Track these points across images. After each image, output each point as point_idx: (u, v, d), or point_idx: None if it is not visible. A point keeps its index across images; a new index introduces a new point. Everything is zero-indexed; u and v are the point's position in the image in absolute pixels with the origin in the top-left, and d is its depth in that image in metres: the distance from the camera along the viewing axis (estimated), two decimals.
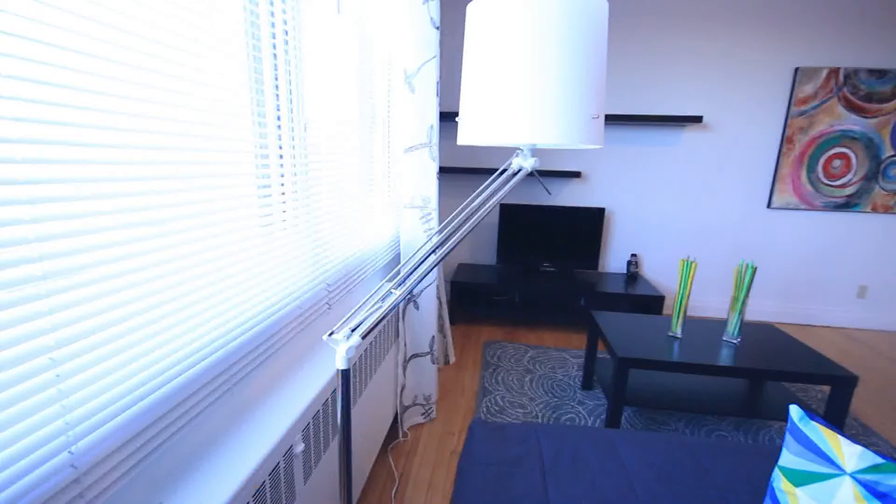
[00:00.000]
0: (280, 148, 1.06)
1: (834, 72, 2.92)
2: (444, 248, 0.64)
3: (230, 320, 0.85)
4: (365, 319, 0.60)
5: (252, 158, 0.96)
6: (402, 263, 0.74)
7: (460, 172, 3.28)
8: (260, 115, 0.99)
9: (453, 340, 2.86)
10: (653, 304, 2.91)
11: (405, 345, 1.84)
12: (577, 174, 3.18)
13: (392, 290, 0.63)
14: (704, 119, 3.13)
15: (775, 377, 1.65)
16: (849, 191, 3.07)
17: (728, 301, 3.38)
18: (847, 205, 3.10)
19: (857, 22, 2.88)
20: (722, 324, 2.08)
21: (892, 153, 2.98)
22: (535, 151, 3.35)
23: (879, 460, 0.61)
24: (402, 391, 1.86)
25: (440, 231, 0.71)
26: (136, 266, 0.64)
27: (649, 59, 3.09)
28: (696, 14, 2.99)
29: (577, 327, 3.14)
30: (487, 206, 0.67)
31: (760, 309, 3.38)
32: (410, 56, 1.58)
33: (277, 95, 1.06)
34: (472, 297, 3.25)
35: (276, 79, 1.05)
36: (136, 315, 0.64)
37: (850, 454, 0.61)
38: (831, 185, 3.08)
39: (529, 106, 0.62)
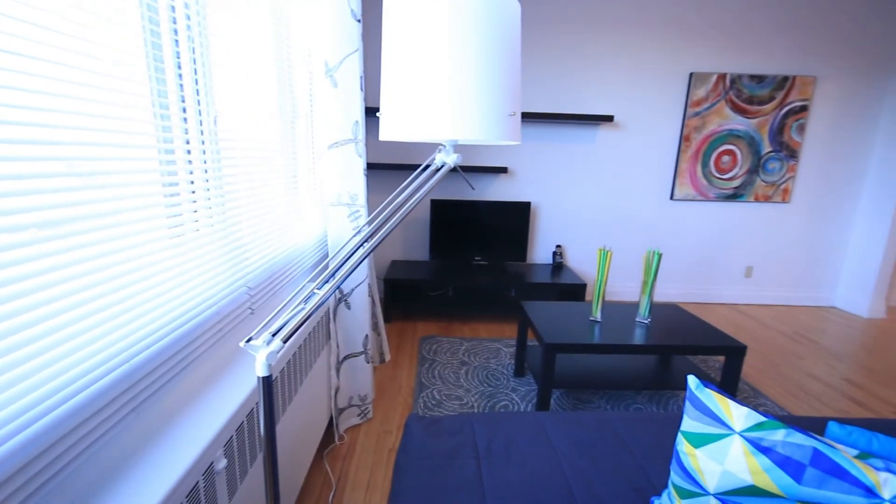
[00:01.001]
0: (188, 143, 0.98)
1: (722, 77, 3.29)
2: (368, 245, 0.63)
3: (134, 332, 0.78)
4: (287, 322, 0.58)
5: (155, 154, 0.87)
6: (323, 263, 0.72)
7: (390, 169, 3.25)
8: (162, 105, 0.90)
9: (388, 338, 2.83)
10: (577, 291, 3.10)
11: (338, 346, 1.80)
12: (503, 170, 3.28)
13: (315, 291, 0.60)
14: (615, 118, 3.37)
15: (680, 351, 1.84)
16: (736, 183, 3.49)
17: (640, 285, 3.70)
18: (735, 196, 3.51)
19: (740, 32, 3.27)
20: (635, 306, 2.27)
21: (770, 149, 3.43)
22: (460, 147, 3.41)
23: (762, 419, 0.70)
24: (336, 393, 1.81)
25: (363, 229, 0.70)
26: (14, 276, 0.56)
27: (568, 62, 3.26)
28: (607, 21, 3.21)
29: (509, 317, 3.26)
30: (411, 202, 0.67)
31: (667, 291, 3.73)
32: (331, 48, 1.53)
33: (182, 86, 0.97)
34: (407, 294, 3.25)
35: (180, 67, 0.97)
36: (13, 332, 0.56)
37: (738, 415, 0.70)
38: (721, 179, 3.47)
39: (448, 102, 0.63)
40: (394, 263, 3.39)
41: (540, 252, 3.60)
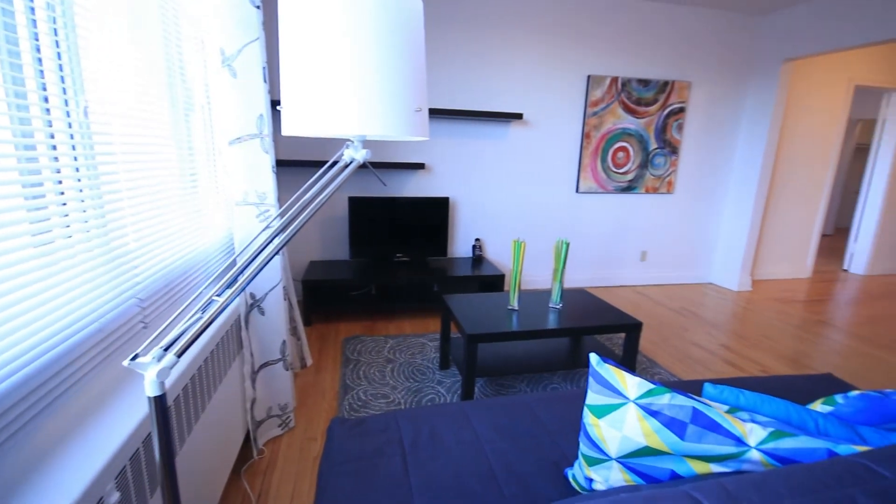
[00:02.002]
0: (52, 137, 0.85)
1: (615, 80, 3.61)
2: (273, 247, 0.60)
3: None
4: (182, 335, 0.53)
5: (12, 150, 0.75)
6: (223, 268, 0.67)
7: (303, 165, 3.11)
8: (18, 94, 0.77)
9: (309, 342, 2.72)
10: (496, 282, 3.22)
11: (252, 355, 1.69)
12: (421, 166, 3.30)
13: (214, 298, 0.56)
14: (525, 116, 3.55)
15: (588, 332, 2.00)
16: (629, 177, 3.85)
17: (552, 273, 3.95)
18: (629, 188, 3.88)
19: (629, 39, 3.60)
20: (548, 293, 2.42)
21: (656, 146, 3.83)
22: (373, 144, 3.36)
23: (651, 386, 0.78)
24: (253, 405, 1.70)
25: (266, 231, 0.66)
26: None
27: (481, 61, 3.36)
28: (512, 24, 3.35)
29: (433, 312, 3.29)
30: (319, 199, 0.65)
31: (576, 277, 4.03)
32: (228, 36, 1.42)
33: (42, 72, 0.84)
34: (328, 295, 3.14)
35: (39, 50, 0.84)
36: None
37: (632, 385, 0.78)
38: (618, 173, 3.82)
39: (351, 96, 0.61)
40: (312, 264, 3.26)
41: (460, 246, 3.69)
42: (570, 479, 0.98)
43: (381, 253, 3.28)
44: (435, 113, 3.22)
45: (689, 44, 3.72)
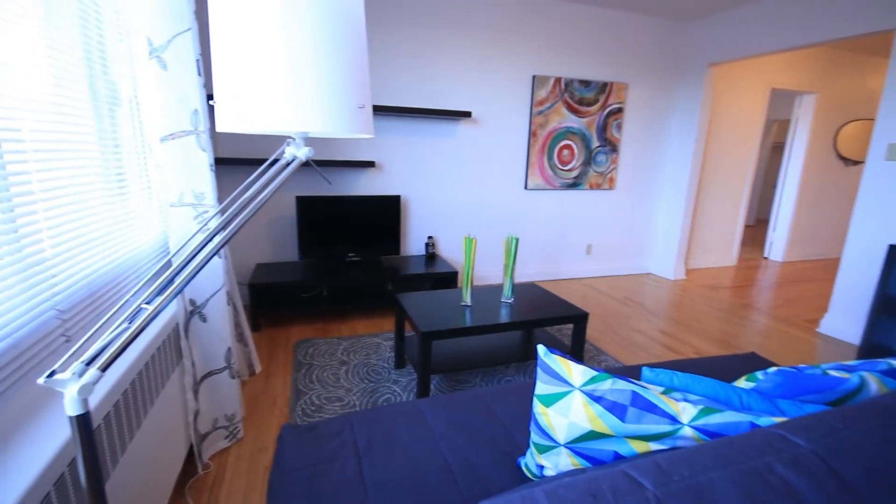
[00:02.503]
0: None
1: (558, 80, 3.73)
2: (209, 250, 0.56)
3: None
4: (106, 347, 0.49)
5: None
6: (152, 274, 0.62)
7: (247, 164, 2.97)
8: None
9: (257, 348, 2.61)
10: (450, 279, 3.25)
11: (193, 364, 1.59)
12: (371, 164, 3.25)
13: (143, 306, 0.52)
14: (473, 114, 3.59)
15: (539, 324, 2.06)
16: (574, 173, 4.01)
17: (503, 268, 4.04)
18: (574, 184, 4.04)
19: (570, 41, 3.73)
20: (500, 288, 2.47)
21: (598, 144, 4.01)
22: (321, 141, 3.28)
23: (594, 373, 0.82)
24: (196, 418, 1.61)
25: (198, 235, 0.62)
26: None
27: (430, 59, 3.35)
28: (463, 24, 3.38)
29: (387, 311, 3.26)
30: (260, 198, 0.62)
31: (527, 271, 4.14)
32: (156, 25, 1.32)
33: None
34: (277, 298, 3.03)
35: None
36: None
37: (577, 373, 0.82)
38: (563, 170, 3.96)
39: (287, 92, 0.59)
40: (259, 267, 3.12)
41: (413, 244, 3.68)
42: (523, 468, 1.01)
43: (332, 253, 3.21)
44: (384, 111, 3.18)
45: (625, 47, 3.92)
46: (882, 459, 0.53)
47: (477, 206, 3.81)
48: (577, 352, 2.20)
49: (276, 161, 0.71)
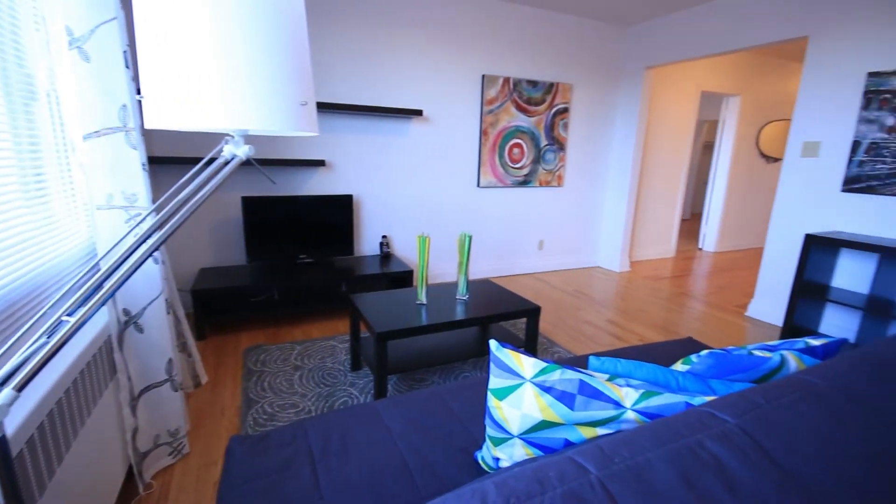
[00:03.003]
0: None
1: (507, 80, 3.81)
2: (140, 254, 0.53)
3: None
4: (23, 365, 0.45)
5: None
6: (73, 283, 0.58)
7: (186, 163, 2.80)
8: None
9: (203, 357, 2.48)
10: (405, 278, 3.23)
11: (130, 379, 1.49)
12: (321, 163, 3.17)
13: (65, 318, 0.48)
14: (425, 113, 3.59)
15: (493, 320, 2.10)
16: (525, 171, 4.11)
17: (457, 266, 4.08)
18: (525, 182, 4.14)
19: (518, 42, 3.82)
20: (455, 286, 2.49)
21: (546, 143, 4.14)
22: (265, 139, 3.16)
23: (544, 364, 0.85)
24: (135, 435, 1.50)
25: (127, 239, 0.58)
26: None
27: (381, 57, 3.31)
28: (412, 22, 3.36)
29: (342, 313, 3.20)
30: (197, 199, 0.59)
31: (481, 268, 4.20)
32: (77, 12, 1.21)
33: None
34: (224, 304, 2.88)
35: None
36: None
37: (528, 365, 0.84)
38: (514, 168, 4.05)
39: (222, 88, 0.56)
40: (203, 272, 2.96)
41: (367, 244, 3.63)
42: (480, 462, 1.03)
43: (282, 255, 3.10)
44: (334, 108, 3.11)
45: (569, 49, 4.06)
46: (799, 430, 0.59)
47: (431, 205, 3.82)
48: (530, 345, 2.26)
49: (214, 160, 0.68)
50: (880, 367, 0.74)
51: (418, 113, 3.39)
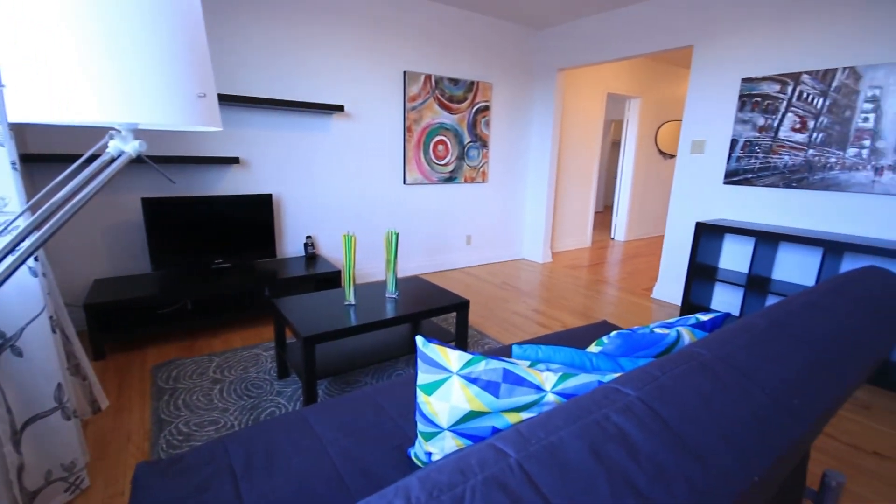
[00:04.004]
0: None
1: (428, 77, 3.83)
2: (5, 265, 0.46)
3: None
4: None
5: None
6: None
7: (70, 161, 2.47)
8: None
9: (102, 379, 2.22)
10: (333, 279, 3.14)
11: (10, 411, 1.29)
12: (234, 160, 2.97)
13: None
14: (346, 108, 3.50)
15: (423, 316, 2.11)
16: (450, 168, 4.18)
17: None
18: (451, 178, 4.21)
19: (440, 40, 3.85)
20: (384, 284, 2.46)
21: (470, 140, 4.23)
22: (170, 136, 2.90)
23: (469, 357, 0.88)
24: (20, 473, 1.31)
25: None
26: None
27: (300, 49, 3.16)
28: (332, 16, 3.25)
29: (266, 319, 3.03)
30: (76, 200, 0.52)
31: (411, 265, 4.21)
32: None
33: None
34: (124, 318, 2.60)
35: None
36: None
37: (454, 359, 0.86)
38: (439, 164, 4.10)
39: (100, 75, 0.50)
40: (98, 283, 2.64)
41: (291, 245, 3.46)
42: (413, 458, 1.04)
43: (194, 261, 2.86)
44: (247, 102, 2.92)
45: (489, 49, 4.18)
46: (689, 397, 0.67)
47: (357, 203, 3.74)
48: (461, 338, 2.31)
49: (97, 157, 0.61)
50: (754, 336, 0.86)
51: (339, 108, 3.29)
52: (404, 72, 3.71)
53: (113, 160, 0.58)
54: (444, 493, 0.39)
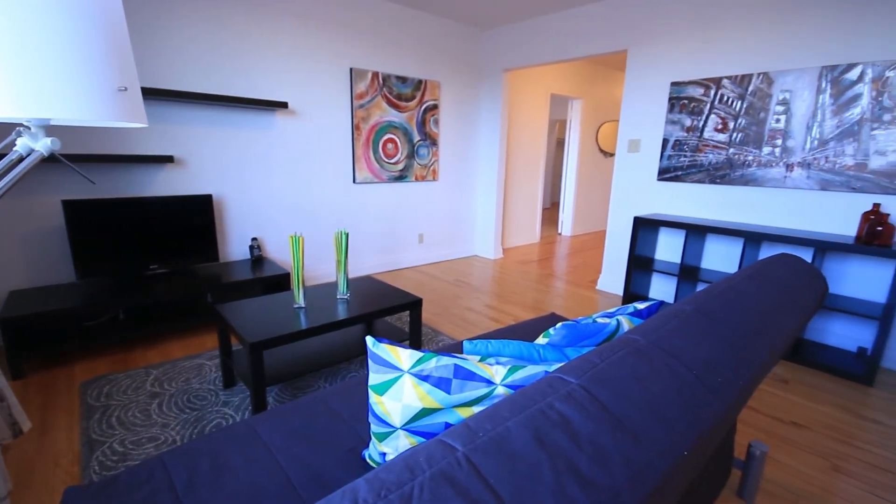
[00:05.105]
0: None
1: (376, 75, 3.79)
2: None
3: None
4: None
5: None
6: None
7: None
8: None
9: (23, 399, 2.02)
10: (281, 281, 3.03)
11: None
12: (168, 159, 2.79)
13: None
14: (291, 105, 3.39)
15: (376, 316, 2.10)
16: (400, 166, 4.16)
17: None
18: (401, 177, 4.19)
19: (386, 38, 3.81)
20: (335, 285, 2.42)
21: (419, 138, 4.23)
22: (89, 132, 2.68)
23: (420, 354, 0.88)
24: None
25: None
26: None
27: (240, 43, 3.01)
28: (274, 9, 3.11)
29: (209, 327, 2.88)
30: None
31: (363, 265, 4.15)
32: None
33: None
34: (47, 332, 2.38)
35: None
36: None
37: (405, 357, 0.86)
38: (389, 163, 4.07)
39: (4, 66, 0.46)
40: (15, 295, 2.40)
41: (235, 248, 3.31)
42: (368, 460, 1.03)
43: (125, 268, 2.66)
44: (182, 97, 2.75)
45: (436, 48, 4.20)
46: (625, 381, 0.71)
47: (305, 203, 3.63)
48: (415, 336, 2.31)
49: (3, 156, 0.55)
50: (682, 321, 0.93)
51: (283, 105, 3.18)
52: (351, 69, 3.64)
53: (22, 159, 0.53)
54: (392, 493, 0.39)
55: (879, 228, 2.34)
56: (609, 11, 3.56)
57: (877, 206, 2.38)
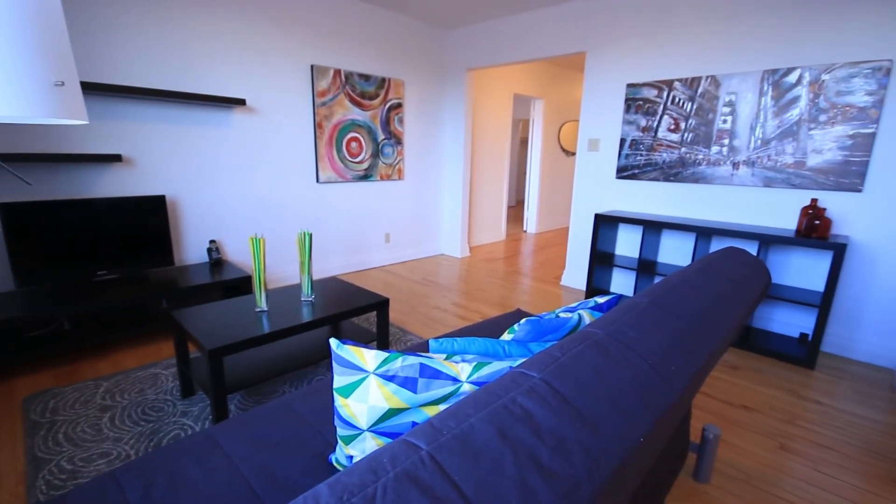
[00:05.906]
0: None
1: (338, 72, 3.72)
2: None
3: None
4: None
5: None
6: None
7: None
8: None
9: None
10: (243, 285, 2.93)
11: None
12: (116, 158, 2.64)
13: None
14: (249, 102, 3.28)
15: (342, 317, 2.07)
16: (365, 165, 4.11)
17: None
18: (366, 176, 4.14)
19: (348, 35, 3.75)
20: (299, 287, 2.36)
21: (384, 137, 4.19)
22: (24, 130, 2.51)
23: (385, 355, 0.88)
24: None
25: None
26: None
27: (195, 36, 2.87)
28: (230, 1, 3.00)
29: (165, 335, 2.75)
30: None
31: (329, 266, 4.08)
32: None
33: None
34: None
35: None
36: None
37: (370, 358, 0.86)
38: (353, 162, 4.01)
39: None
40: None
41: (192, 251, 3.17)
42: (335, 464, 1.02)
43: (70, 274, 2.50)
44: (129, 93, 2.60)
45: (399, 46, 4.17)
46: (585, 373, 0.73)
47: (266, 203, 3.53)
48: (382, 336, 2.30)
49: None
50: (637, 313, 0.97)
51: (241, 102, 3.07)
52: (311, 65, 3.56)
53: None
54: (354, 496, 0.39)
55: (817, 222, 2.52)
56: (568, 14, 3.65)
57: (814, 201, 2.56)
